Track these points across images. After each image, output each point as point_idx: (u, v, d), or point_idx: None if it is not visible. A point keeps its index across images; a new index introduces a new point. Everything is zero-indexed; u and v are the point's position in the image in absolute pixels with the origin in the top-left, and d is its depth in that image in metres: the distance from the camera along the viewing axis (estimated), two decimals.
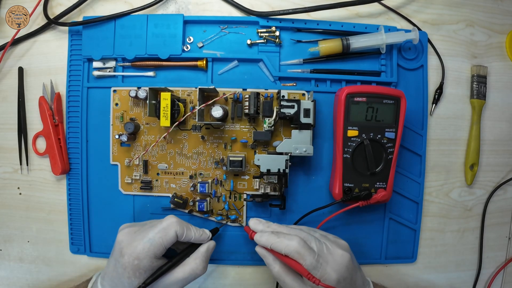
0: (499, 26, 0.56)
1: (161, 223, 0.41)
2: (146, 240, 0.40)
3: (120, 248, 0.40)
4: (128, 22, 0.51)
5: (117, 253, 0.41)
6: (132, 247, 0.39)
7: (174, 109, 0.49)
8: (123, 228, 0.43)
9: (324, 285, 0.38)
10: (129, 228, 0.43)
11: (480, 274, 0.57)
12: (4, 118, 0.54)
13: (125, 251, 0.39)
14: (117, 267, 0.40)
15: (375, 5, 0.54)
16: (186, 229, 0.42)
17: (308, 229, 0.44)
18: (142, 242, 0.39)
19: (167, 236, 0.40)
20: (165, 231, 0.41)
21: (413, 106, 0.53)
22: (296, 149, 0.48)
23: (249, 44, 0.52)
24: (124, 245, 0.40)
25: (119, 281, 0.40)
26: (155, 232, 0.40)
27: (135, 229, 0.42)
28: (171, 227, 0.41)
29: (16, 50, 0.54)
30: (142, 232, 0.41)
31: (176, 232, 0.41)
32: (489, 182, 0.57)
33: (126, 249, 0.39)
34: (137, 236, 0.41)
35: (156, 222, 0.43)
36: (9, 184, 0.55)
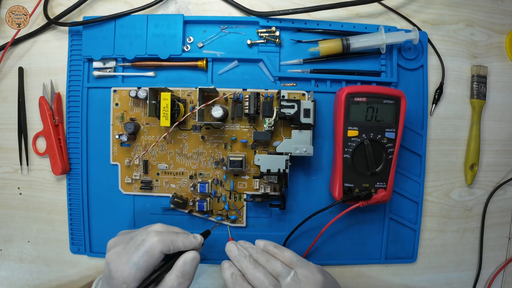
0: (499, 26, 0.56)
1: (143, 244, 0.39)
2: (131, 265, 0.38)
3: (109, 270, 0.40)
4: (128, 22, 0.51)
5: (107, 273, 0.40)
6: (119, 272, 0.38)
7: (174, 109, 0.49)
8: (110, 247, 0.41)
9: None
10: (115, 247, 0.41)
11: (480, 274, 0.57)
12: (4, 118, 0.54)
13: (113, 274, 0.39)
14: (110, 285, 0.40)
15: (375, 5, 0.54)
16: (172, 243, 0.40)
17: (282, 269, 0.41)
18: (127, 267, 0.38)
19: (152, 259, 0.39)
20: (148, 254, 0.38)
21: (413, 106, 0.53)
22: (296, 149, 0.48)
23: (249, 44, 0.52)
24: (111, 267, 0.39)
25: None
26: (139, 256, 0.38)
27: (121, 248, 0.40)
28: (154, 249, 0.39)
29: (16, 50, 0.54)
30: (126, 254, 0.39)
31: (161, 251, 0.39)
32: (489, 182, 0.57)
33: (114, 272, 0.39)
34: (122, 258, 0.39)
35: (139, 236, 0.40)
36: (9, 184, 0.55)
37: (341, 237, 0.54)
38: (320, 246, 0.54)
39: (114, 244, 0.42)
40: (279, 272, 0.41)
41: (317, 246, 0.54)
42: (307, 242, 0.52)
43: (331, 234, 0.54)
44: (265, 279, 0.40)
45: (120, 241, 0.42)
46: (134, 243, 0.40)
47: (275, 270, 0.41)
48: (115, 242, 0.42)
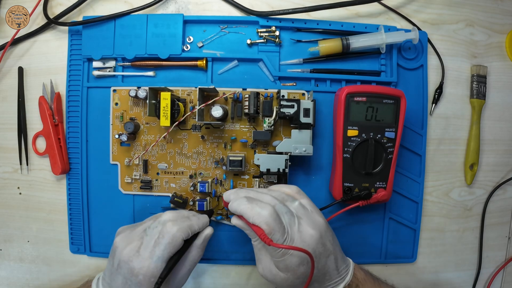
0: (499, 26, 0.56)
1: (163, 236, 0.39)
2: (156, 259, 0.38)
3: (130, 268, 0.38)
4: (128, 22, 0.51)
5: (126, 272, 0.39)
6: (145, 268, 0.38)
7: (174, 108, 0.49)
8: (122, 245, 0.40)
9: (276, 245, 0.36)
10: (129, 245, 0.40)
11: (480, 274, 0.57)
12: (4, 118, 0.54)
13: (138, 271, 0.38)
14: (129, 284, 0.39)
15: (375, 5, 0.54)
16: (189, 229, 0.41)
17: (286, 196, 0.42)
18: (153, 262, 0.38)
19: (175, 248, 0.39)
20: (171, 245, 0.39)
21: (413, 106, 0.53)
22: (296, 148, 0.48)
23: (249, 44, 0.52)
24: (134, 265, 0.38)
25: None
26: (162, 249, 0.38)
27: (137, 244, 0.40)
28: (177, 239, 0.39)
29: (16, 50, 0.54)
30: (147, 249, 0.39)
31: (182, 239, 0.40)
32: (489, 182, 0.57)
33: (139, 269, 0.38)
34: (144, 254, 0.39)
35: (153, 229, 0.40)
36: (9, 184, 0.55)
37: (340, 237, 0.53)
38: None
39: (127, 241, 0.40)
40: (285, 198, 0.41)
41: None
42: None
43: None
44: (273, 198, 0.40)
45: (132, 237, 0.41)
46: (151, 237, 0.40)
47: (281, 196, 0.41)
48: (126, 239, 0.41)
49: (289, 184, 0.45)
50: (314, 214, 0.41)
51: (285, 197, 0.41)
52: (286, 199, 0.41)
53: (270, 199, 0.40)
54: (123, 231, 0.42)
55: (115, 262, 0.40)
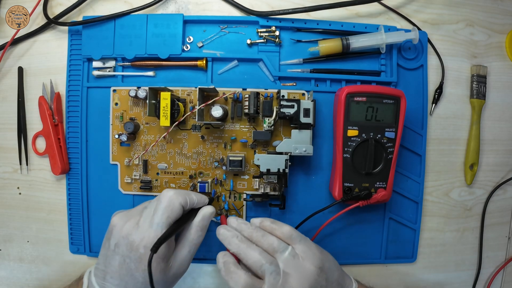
0: (499, 26, 0.56)
1: (160, 202, 0.39)
2: (155, 227, 0.38)
3: (128, 243, 0.38)
4: (128, 22, 0.51)
5: (125, 249, 0.38)
6: (145, 238, 0.37)
7: (174, 108, 0.49)
8: (121, 223, 0.39)
9: None
10: (128, 222, 0.39)
11: (480, 274, 0.57)
12: (4, 118, 0.54)
13: (138, 244, 0.37)
14: (127, 263, 0.38)
15: (375, 5, 0.54)
16: (187, 196, 0.40)
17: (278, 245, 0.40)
18: (152, 230, 0.38)
19: (173, 213, 0.39)
20: (169, 208, 0.39)
21: (413, 106, 0.53)
22: (296, 149, 0.48)
23: (249, 44, 0.52)
24: (134, 238, 0.38)
25: (130, 277, 0.38)
26: (160, 214, 0.38)
27: (136, 220, 0.39)
28: (174, 202, 0.39)
29: (16, 50, 0.54)
30: (146, 220, 0.39)
31: (180, 204, 0.39)
32: (489, 182, 0.57)
33: (139, 241, 0.37)
34: (144, 225, 0.38)
35: (152, 203, 0.40)
36: (9, 184, 0.55)
37: (341, 237, 0.54)
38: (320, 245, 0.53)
39: (125, 219, 0.40)
40: (276, 248, 0.39)
41: None
42: None
43: (331, 234, 0.54)
44: (260, 256, 0.39)
45: (131, 215, 0.40)
46: (150, 209, 0.39)
47: (272, 246, 0.40)
48: (123, 217, 0.40)
49: (283, 224, 0.42)
50: (305, 263, 0.39)
51: (276, 247, 0.40)
52: (277, 249, 0.39)
53: (256, 259, 0.39)
54: (120, 212, 0.42)
55: (111, 243, 0.39)
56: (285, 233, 0.41)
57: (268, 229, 0.42)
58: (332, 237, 0.54)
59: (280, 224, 0.43)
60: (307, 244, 0.41)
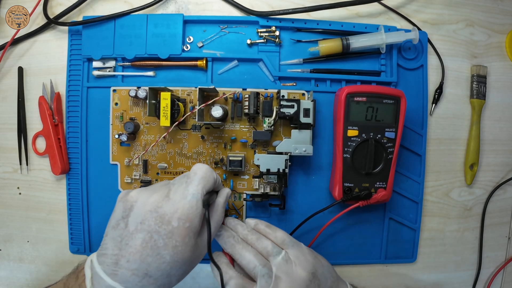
0: (499, 26, 0.56)
1: (195, 174, 0.37)
2: (190, 197, 0.35)
3: (158, 217, 0.35)
4: (128, 22, 0.51)
5: (152, 223, 0.34)
6: (179, 210, 0.35)
7: (174, 109, 0.49)
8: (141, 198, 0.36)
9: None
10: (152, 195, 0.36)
11: (479, 274, 0.57)
12: (4, 118, 0.54)
13: (170, 216, 0.34)
14: (154, 239, 0.34)
15: (375, 5, 0.54)
16: (215, 175, 0.40)
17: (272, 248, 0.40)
18: (187, 202, 0.35)
19: (208, 184, 0.37)
20: (205, 179, 0.37)
21: (413, 106, 0.53)
22: (296, 149, 0.48)
23: (249, 44, 0.52)
24: (165, 210, 0.35)
25: (155, 258, 0.34)
26: (196, 184, 0.36)
27: (164, 192, 0.37)
28: (209, 174, 0.38)
29: (16, 50, 0.54)
30: (177, 192, 0.36)
31: (214, 179, 0.38)
32: (489, 182, 0.57)
33: (172, 214, 0.34)
34: (174, 197, 0.36)
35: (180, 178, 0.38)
36: (9, 184, 0.55)
37: (341, 237, 0.54)
38: (320, 246, 0.54)
39: (149, 193, 0.37)
40: (270, 251, 0.39)
41: (317, 246, 0.54)
42: (307, 242, 0.51)
43: (331, 234, 0.54)
44: (253, 258, 0.39)
45: (154, 189, 0.38)
46: (179, 183, 0.37)
47: (266, 249, 0.40)
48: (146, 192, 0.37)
49: (277, 229, 0.42)
50: (297, 268, 0.38)
51: (269, 251, 0.39)
52: (270, 252, 0.39)
53: (250, 260, 0.39)
54: (134, 189, 0.39)
55: (130, 221, 0.35)
56: (278, 238, 0.41)
57: (262, 233, 0.42)
58: (332, 237, 0.54)
59: (274, 228, 0.43)
60: (300, 249, 0.40)
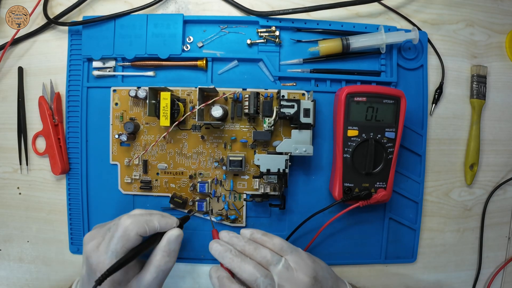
0: (499, 26, 0.56)
1: (116, 230, 0.38)
2: (110, 254, 0.38)
3: (89, 264, 0.39)
4: (128, 22, 0.51)
5: (88, 267, 0.39)
6: (100, 264, 0.38)
7: (174, 108, 0.49)
8: (87, 241, 0.40)
9: None
10: (92, 241, 0.40)
11: (480, 274, 0.57)
12: (4, 118, 0.54)
13: (95, 267, 0.38)
14: (92, 279, 0.39)
15: (375, 5, 0.54)
16: (147, 224, 0.39)
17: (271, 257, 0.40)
18: (107, 257, 0.38)
19: (129, 243, 0.38)
20: (124, 238, 0.38)
21: (413, 106, 0.53)
22: (296, 149, 0.48)
23: (249, 44, 0.52)
24: (92, 261, 0.38)
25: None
26: (115, 243, 0.38)
27: (99, 241, 0.40)
28: (129, 232, 0.38)
29: (16, 50, 0.54)
30: (104, 244, 0.39)
31: (137, 234, 0.38)
32: (489, 182, 0.57)
33: (95, 265, 0.38)
34: (102, 249, 0.38)
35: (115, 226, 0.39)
36: (9, 184, 0.55)
37: (341, 237, 0.54)
38: (320, 246, 0.54)
39: (91, 238, 0.40)
40: (270, 260, 0.39)
41: (317, 246, 0.54)
42: (307, 242, 0.51)
43: (331, 234, 0.54)
44: (254, 270, 0.38)
45: (97, 234, 0.40)
46: (111, 233, 0.39)
47: (265, 258, 0.39)
48: (92, 236, 0.40)
49: (274, 236, 0.42)
50: (299, 274, 0.39)
51: (269, 259, 0.39)
52: (270, 261, 0.39)
53: (251, 273, 0.38)
54: (95, 228, 0.42)
55: (83, 256, 0.40)
56: (276, 245, 0.41)
57: (259, 241, 0.42)
58: (332, 237, 0.54)
59: (271, 236, 0.42)
60: (299, 254, 0.41)
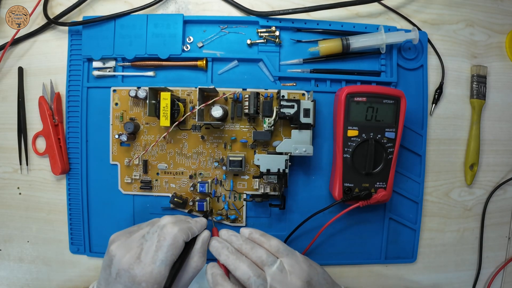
0: (499, 26, 0.56)
1: (165, 239, 0.38)
2: (159, 263, 0.37)
3: (130, 276, 0.37)
4: (128, 22, 0.51)
5: (127, 280, 0.37)
6: (147, 274, 0.37)
7: (174, 109, 0.49)
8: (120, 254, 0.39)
9: None
10: (128, 253, 0.39)
11: (480, 274, 0.57)
12: (4, 118, 0.54)
13: (140, 278, 0.37)
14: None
15: (375, 5, 0.54)
16: (189, 230, 0.40)
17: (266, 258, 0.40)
18: (156, 267, 0.37)
19: (177, 250, 0.39)
20: (173, 246, 0.38)
21: (413, 106, 0.53)
22: (296, 149, 0.48)
23: (249, 44, 0.52)
24: (136, 272, 0.37)
25: None
26: (165, 251, 0.38)
27: (137, 251, 0.39)
28: (178, 239, 0.39)
29: (16, 50, 0.54)
30: (148, 254, 0.38)
31: (184, 241, 0.39)
32: (489, 182, 0.57)
33: (141, 276, 0.37)
34: (146, 260, 0.38)
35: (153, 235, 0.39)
36: (9, 184, 0.55)
37: (341, 237, 0.54)
38: (320, 246, 0.54)
39: (125, 249, 0.39)
40: (264, 261, 0.39)
41: (317, 246, 0.54)
42: (307, 242, 0.52)
43: (331, 234, 0.54)
44: (248, 269, 0.39)
45: (130, 244, 0.40)
46: (151, 242, 0.39)
47: (260, 258, 0.40)
48: (123, 247, 0.39)
49: (272, 238, 0.43)
50: (292, 277, 0.38)
51: (264, 260, 0.40)
52: (265, 262, 0.39)
53: (244, 271, 0.39)
54: (118, 238, 0.41)
55: (112, 271, 0.38)
56: (272, 246, 0.41)
57: (257, 242, 0.42)
58: (332, 237, 0.54)
59: (269, 237, 0.43)
60: (295, 258, 0.41)
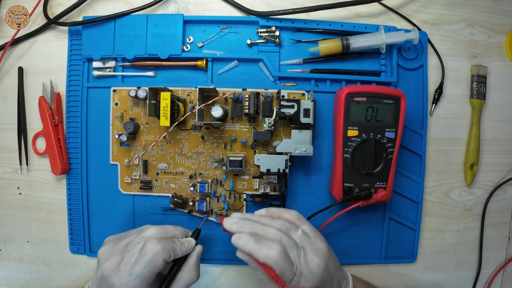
0: (499, 26, 0.56)
1: (145, 254, 0.38)
2: (135, 277, 0.38)
3: (109, 284, 0.38)
4: (128, 22, 0.51)
5: (106, 286, 0.39)
6: (123, 286, 0.38)
7: (174, 109, 0.49)
8: (104, 258, 0.40)
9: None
10: (110, 259, 0.39)
11: (480, 274, 0.57)
12: (4, 118, 0.54)
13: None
14: None
15: (375, 5, 0.54)
16: (172, 251, 0.40)
17: (289, 225, 0.41)
18: (131, 280, 0.38)
19: (155, 267, 0.39)
20: (152, 263, 0.38)
21: (413, 106, 0.53)
22: (296, 149, 0.48)
23: (249, 44, 0.52)
24: (114, 281, 0.38)
25: None
26: (142, 266, 0.38)
27: (118, 259, 0.39)
28: (158, 258, 0.38)
29: (16, 50, 0.54)
30: (127, 265, 0.38)
31: (164, 260, 0.39)
32: (489, 182, 0.57)
33: (117, 286, 0.38)
34: (124, 270, 0.38)
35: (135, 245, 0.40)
36: (9, 184, 0.55)
37: (341, 237, 0.54)
38: None
39: (108, 255, 0.40)
40: (288, 227, 0.41)
41: None
42: None
43: (331, 234, 0.54)
44: (277, 231, 0.39)
45: (114, 251, 0.40)
46: (132, 253, 0.39)
47: (284, 225, 0.41)
48: (108, 252, 0.40)
49: (289, 209, 0.44)
50: (317, 241, 0.41)
51: (288, 227, 0.41)
52: (289, 228, 0.41)
53: (275, 233, 0.39)
54: (109, 242, 0.42)
55: (98, 274, 0.40)
56: (293, 215, 0.43)
57: (276, 214, 0.43)
58: (332, 237, 0.54)
59: (285, 210, 0.44)
60: (313, 227, 0.43)
